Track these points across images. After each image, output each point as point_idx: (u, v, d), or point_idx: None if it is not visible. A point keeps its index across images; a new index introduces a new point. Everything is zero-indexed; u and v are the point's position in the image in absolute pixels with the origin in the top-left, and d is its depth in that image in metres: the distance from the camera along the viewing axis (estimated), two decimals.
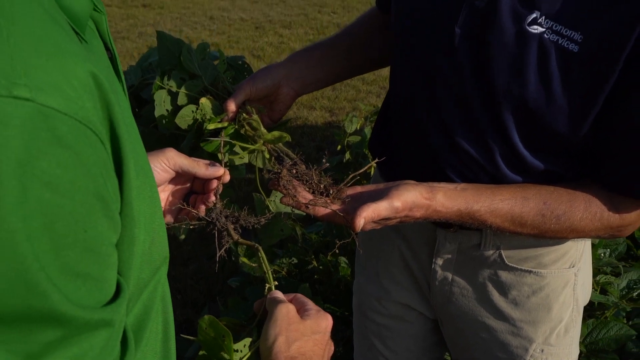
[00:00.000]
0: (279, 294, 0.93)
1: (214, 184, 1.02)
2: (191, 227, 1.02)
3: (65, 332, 0.42)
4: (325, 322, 0.89)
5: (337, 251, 1.03)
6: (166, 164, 0.97)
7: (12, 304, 0.39)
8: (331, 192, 1.00)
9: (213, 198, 1.03)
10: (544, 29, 0.93)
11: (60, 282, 0.41)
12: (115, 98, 0.48)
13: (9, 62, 0.38)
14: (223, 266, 3.13)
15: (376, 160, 1.12)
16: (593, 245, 1.81)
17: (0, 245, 0.37)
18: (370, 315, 1.40)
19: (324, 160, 1.04)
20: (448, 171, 1.10)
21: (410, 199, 0.97)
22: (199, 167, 1.00)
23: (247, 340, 0.88)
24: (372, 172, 2.41)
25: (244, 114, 1.17)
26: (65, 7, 0.51)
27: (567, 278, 1.20)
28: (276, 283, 0.97)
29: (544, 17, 0.93)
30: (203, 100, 1.20)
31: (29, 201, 0.38)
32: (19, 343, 0.40)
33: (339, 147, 2.68)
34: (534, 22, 0.93)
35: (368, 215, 0.93)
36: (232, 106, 1.17)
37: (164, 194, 1.03)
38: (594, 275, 1.76)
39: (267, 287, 0.97)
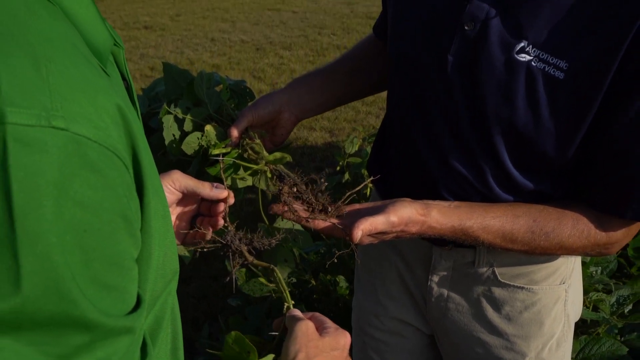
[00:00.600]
0: (297, 312, 0.96)
1: (221, 207, 1.06)
2: (205, 249, 1.06)
3: (92, 337, 0.47)
4: (344, 339, 0.92)
5: (335, 260, 1.07)
6: (172, 185, 1.01)
7: (47, 309, 0.43)
8: (330, 209, 1.06)
9: (221, 222, 1.07)
10: (531, 57, 0.98)
11: (89, 292, 0.46)
12: (137, 128, 0.53)
13: (49, 97, 0.44)
14: (224, 285, 3.18)
15: (371, 178, 1.18)
16: (584, 264, 1.85)
17: (39, 257, 0.42)
18: (369, 331, 1.45)
19: (322, 180, 1.09)
20: (442, 190, 1.15)
21: (406, 214, 1.02)
22: (204, 188, 1.04)
23: (270, 357, 0.92)
24: (369, 192, 2.47)
25: (247, 139, 1.22)
26: (90, 43, 0.56)
27: (558, 294, 1.25)
28: (293, 302, 1.01)
29: (531, 46, 0.98)
30: (208, 127, 1.25)
31: (63, 219, 0.43)
32: (52, 345, 0.45)
33: (338, 167, 2.75)
34: (522, 50, 0.99)
35: (365, 227, 0.98)
36: (235, 132, 1.22)
37: (172, 216, 1.07)
38: (586, 292, 1.80)
39: (285, 306, 1.00)
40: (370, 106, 5.77)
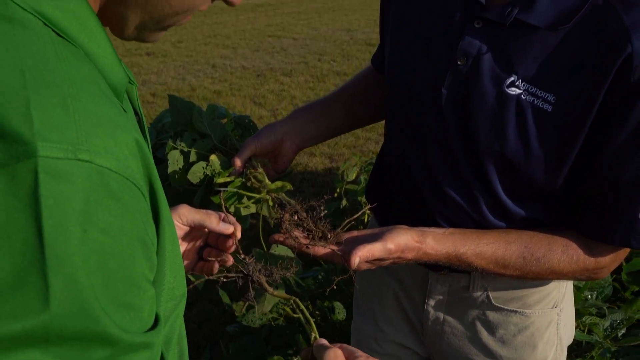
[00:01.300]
0: (324, 342, 0.96)
1: (229, 242, 1.09)
2: (226, 279, 1.09)
3: (113, 352, 0.51)
4: None
5: (334, 287, 1.12)
6: (179, 220, 1.05)
7: (72, 326, 0.48)
8: (329, 236, 1.10)
9: (230, 259, 1.09)
10: (521, 91, 1.04)
11: (110, 310, 0.50)
12: (151, 160, 0.59)
13: (75, 132, 0.49)
14: (224, 311, 3.21)
15: (369, 206, 1.22)
16: (579, 288, 1.89)
17: (65, 278, 0.47)
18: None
19: (322, 208, 1.13)
20: (437, 217, 1.20)
21: (403, 241, 1.06)
22: (211, 222, 1.06)
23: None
24: (367, 219, 2.51)
25: (250, 168, 1.27)
26: (109, 81, 0.62)
27: (551, 318, 1.29)
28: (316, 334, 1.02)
29: (520, 80, 1.04)
30: (212, 157, 1.30)
31: (88, 243, 0.48)
32: (77, 359, 0.49)
33: (336, 193, 2.80)
34: (512, 84, 1.04)
35: (363, 254, 1.02)
36: (239, 161, 1.27)
37: (181, 247, 1.10)
38: (581, 316, 1.83)
39: (312, 337, 1.01)
40: (370, 132, 5.84)
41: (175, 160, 1.35)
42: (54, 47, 0.53)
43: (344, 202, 2.73)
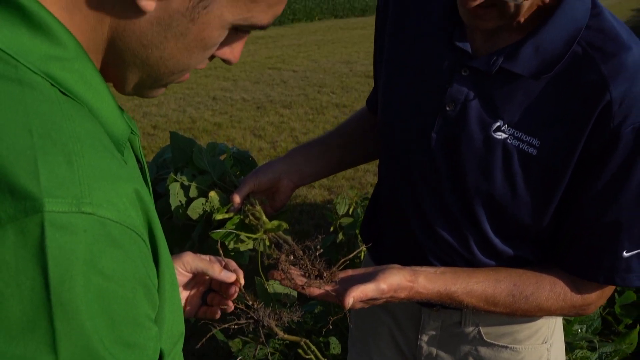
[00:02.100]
0: None
1: (232, 289, 1.12)
2: (237, 326, 1.12)
3: None
4: None
5: (330, 327, 1.16)
6: (183, 268, 1.09)
7: None
8: (325, 275, 1.14)
9: (232, 305, 1.13)
10: (506, 135, 1.09)
11: (115, 350, 0.54)
12: (151, 207, 0.63)
13: (79, 187, 0.53)
14: (220, 347, 3.21)
15: (364, 246, 1.27)
16: (569, 322, 1.92)
17: (71, 323, 0.51)
18: None
19: (317, 247, 1.17)
20: (429, 256, 1.24)
21: (395, 281, 1.10)
22: (214, 270, 1.10)
23: None
24: (362, 255, 2.55)
25: (249, 205, 1.31)
26: (111, 134, 0.67)
27: (541, 353, 1.32)
28: None
29: (506, 125, 1.09)
30: (212, 194, 1.35)
31: (91, 289, 0.52)
32: None
33: (332, 228, 2.84)
34: (498, 129, 1.09)
35: (357, 295, 1.06)
36: (237, 198, 1.31)
37: (184, 293, 1.14)
38: (572, 350, 1.86)
39: None
40: (369, 164, 5.88)
41: (176, 193, 1.39)
42: (60, 106, 0.58)
43: (340, 236, 2.78)
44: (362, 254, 2.44)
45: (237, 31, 0.72)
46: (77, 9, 0.62)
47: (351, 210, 2.99)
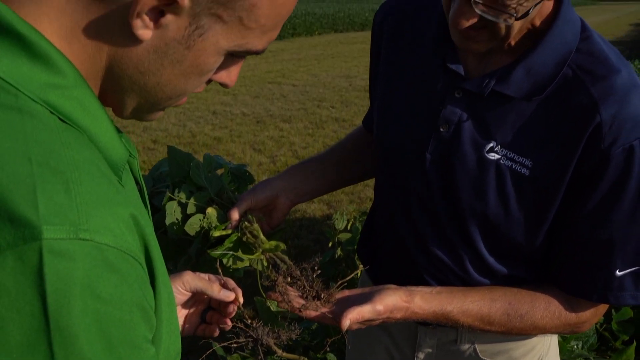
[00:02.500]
0: None
1: (230, 308, 1.14)
2: (236, 345, 1.13)
3: None
4: None
5: (327, 349, 1.18)
6: (182, 287, 1.10)
7: None
8: (322, 295, 1.15)
9: (229, 323, 1.14)
10: (499, 156, 1.11)
11: None
12: (148, 230, 0.64)
13: (76, 214, 0.55)
14: None
15: (361, 268, 1.28)
16: (565, 338, 1.93)
17: (69, 347, 0.52)
18: None
19: (316, 268, 1.19)
20: (425, 275, 1.25)
21: (391, 302, 1.12)
22: (213, 290, 1.11)
23: None
24: (359, 273, 2.56)
25: (246, 222, 1.32)
26: (109, 159, 0.68)
27: None
28: None
29: (499, 146, 1.11)
30: (209, 210, 1.36)
31: (89, 313, 0.54)
32: None
33: (330, 243, 2.85)
34: (491, 150, 1.11)
35: (353, 317, 1.08)
36: (235, 215, 1.32)
37: (184, 311, 1.15)
38: None
39: None
40: None
41: (172, 211, 1.40)
42: (59, 134, 0.60)
43: (339, 251, 2.79)
44: (360, 273, 2.45)
45: (232, 56, 0.74)
46: (75, 38, 0.64)
47: (350, 225, 3.01)
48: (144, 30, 0.64)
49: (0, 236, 0.51)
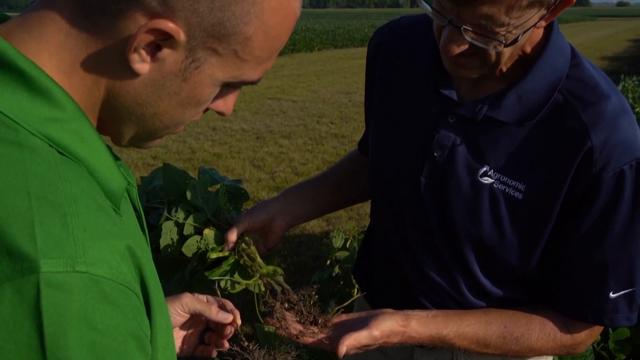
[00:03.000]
0: None
1: (228, 330, 1.15)
2: None
3: None
4: None
5: None
6: (181, 309, 1.11)
7: None
8: (320, 320, 1.16)
9: (227, 345, 1.15)
10: (493, 180, 1.12)
11: None
12: (144, 260, 0.66)
13: (73, 247, 0.56)
14: None
15: (358, 295, 1.29)
16: (561, 358, 1.93)
17: None
18: None
19: (313, 293, 1.19)
20: (420, 298, 1.26)
21: (388, 327, 1.12)
22: (211, 312, 1.12)
23: None
24: (356, 291, 2.57)
25: (243, 244, 1.33)
26: (107, 189, 0.69)
27: None
28: None
29: (492, 170, 1.12)
30: (206, 232, 1.37)
31: (85, 344, 0.55)
32: None
33: (328, 261, 2.87)
34: (485, 174, 1.12)
35: (350, 343, 1.08)
36: (232, 237, 1.33)
37: (182, 333, 1.16)
38: None
39: None
40: None
41: (168, 232, 1.41)
42: (57, 168, 0.61)
43: (337, 269, 2.80)
44: (356, 291, 2.46)
45: (228, 86, 0.76)
46: (74, 72, 0.66)
47: (348, 243, 3.02)
48: (141, 64, 0.66)
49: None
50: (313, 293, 1.19)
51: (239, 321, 1.15)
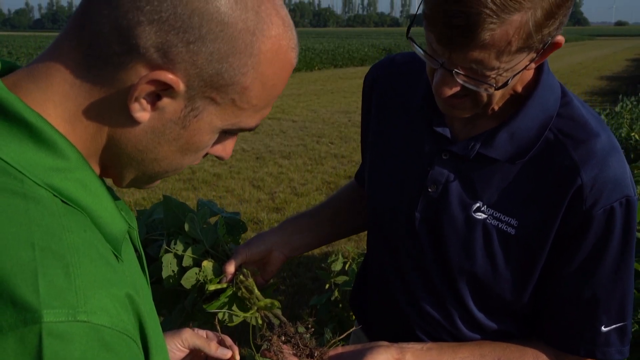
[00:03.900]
0: None
1: None
2: None
3: None
4: None
5: None
6: (181, 344, 1.13)
7: None
8: (316, 353, 1.17)
9: None
10: (486, 216, 1.14)
11: None
12: (143, 306, 0.68)
13: (75, 297, 0.58)
14: None
15: (354, 328, 1.31)
16: None
17: None
18: None
19: (309, 326, 1.21)
20: (416, 330, 1.28)
21: None
22: (210, 348, 1.14)
23: None
24: (353, 318, 2.58)
25: (241, 277, 1.35)
26: (109, 235, 0.72)
27: None
28: None
29: (485, 206, 1.14)
30: (205, 264, 1.38)
31: None
32: None
33: (327, 285, 2.88)
34: (478, 210, 1.15)
35: None
36: (230, 269, 1.35)
37: None
38: None
39: None
40: None
41: (168, 264, 1.43)
42: (60, 219, 0.64)
43: (336, 293, 2.81)
44: (354, 316, 2.47)
45: (226, 133, 0.78)
46: (78, 120, 0.69)
47: (347, 266, 3.03)
48: (142, 113, 0.69)
49: (3, 318, 0.54)
50: (309, 326, 1.21)
51: (237, 357, 1.16)
